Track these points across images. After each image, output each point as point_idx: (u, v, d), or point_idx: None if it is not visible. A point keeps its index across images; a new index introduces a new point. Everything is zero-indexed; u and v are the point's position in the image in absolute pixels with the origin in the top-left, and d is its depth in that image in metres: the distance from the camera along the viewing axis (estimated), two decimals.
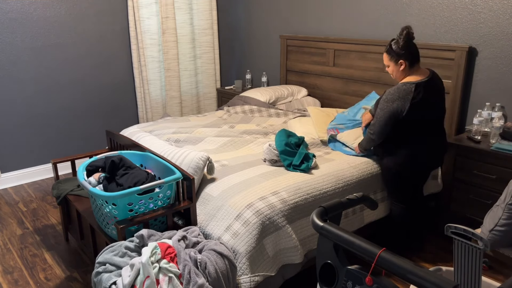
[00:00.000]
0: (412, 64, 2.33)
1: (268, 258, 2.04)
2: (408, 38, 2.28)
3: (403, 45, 2.29)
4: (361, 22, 3.56)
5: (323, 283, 1.26)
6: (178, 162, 2.40)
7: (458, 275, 1.47)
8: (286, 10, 4.22)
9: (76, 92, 4.03)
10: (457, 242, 1.43)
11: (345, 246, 1.18)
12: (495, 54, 2.80)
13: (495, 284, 1.83)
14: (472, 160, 2.63)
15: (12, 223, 3.13)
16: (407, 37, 2.28)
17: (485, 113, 2.78)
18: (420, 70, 2.36)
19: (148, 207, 2.05)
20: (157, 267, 1.69)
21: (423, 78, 2.31)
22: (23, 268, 2.59)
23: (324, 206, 1.34)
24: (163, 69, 4.44)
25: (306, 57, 4.03)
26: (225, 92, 4.72)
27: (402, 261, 1.06)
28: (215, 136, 3.00)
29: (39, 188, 3.75)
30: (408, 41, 2.29)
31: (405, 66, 2.32)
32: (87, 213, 2.36)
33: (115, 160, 2.20)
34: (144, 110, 4.44)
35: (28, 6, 3.61)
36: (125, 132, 3.22)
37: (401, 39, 2.29)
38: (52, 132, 3.95)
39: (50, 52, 3.80)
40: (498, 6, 2.73)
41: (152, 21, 4.26)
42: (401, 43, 2.29)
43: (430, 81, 2.31)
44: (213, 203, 2.21)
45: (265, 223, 2.03)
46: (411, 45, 2.30)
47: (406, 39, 2.28)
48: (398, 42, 2.30)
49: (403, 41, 2.28)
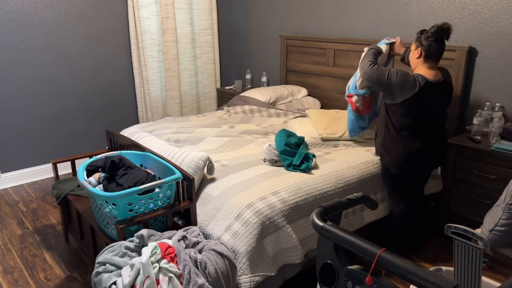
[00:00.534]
0: (428, 57, 2.33)
1: (268, 258, 2.04)
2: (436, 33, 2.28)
3: (429, 36, 2.30)
4: (361, 22, 3.56)
5: (323, 283, 1.26)
6: (178, 162, 2.40)
7: (458, 275, 1.47)
8: (286, 10, 4.22)
9: (76, 92, 4.03)
10: (457, 242, 1.43)
11: (345, 246, 1.18)
12: (495, 54, 2.80)
13: (495, 284, 1.83)
14: (472, 160, 2.63)
15: (12, 223, 3.13)
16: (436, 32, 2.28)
17: (485, 113, 2.78)
18: (435, 70, 2.36)
19: (148, 207, 2.05)
20: (157, 267, 1.69)
21: (435, 78, 2.31)
22: (23, 268, 2.59)
23: (324, 206, 1.34)
24: (163, 69, 4.44)
25: (306, 57, 4.03)
26: (225, 92, 4.72)
27: (402, 261, 1.06)
28: (215, 136, 3.00)
29: (39, 188, 3.75)
30: (434, 35, 2.28)
31: (420, 55, 2.34)
32: (87, 213, 2.36)
33: (115, 160, 2.20)
34: (144, 110, 4.44)
35: (28, 6, 3.61)
36: (125, 132, 3.22)
37: (430, 31, 2.30)
38: (52, 132, 3.95)
39: (50, 52, 3.80)
40: (498, 6, 2.73)
41: (152, 21, 4.26)
42: (427, 34, 2.31)
43: (439, 84, 2.31)
44: (213, 203, 2.21)
45: (265, 223, 2.03)
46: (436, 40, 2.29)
47: (434, 33, 2.28)
48: (428, 32, 2.32)
49: (430, 33, 2.29)
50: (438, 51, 2.32)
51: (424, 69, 2.35)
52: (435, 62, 2.35)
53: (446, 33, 2.29)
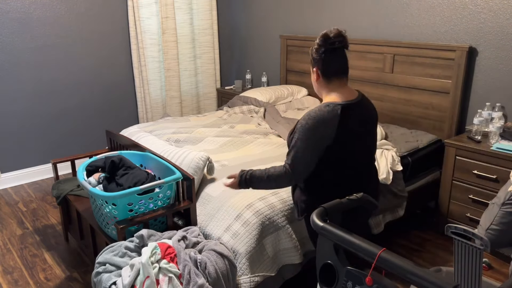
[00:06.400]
0: (327, 76, 1.74)
1: (268, 258, 2.04)
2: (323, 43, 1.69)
3: (315, 49, 1.74)
4: (361, 22, 3.56)
5: (323, 283, 1.26)
6: (178, 162, 2.40)
7: (458, 275, 1.46)
8: (286, 10, 4.22)
9: (76, 92, 4.02)
10: (457, 242, 1.43)
11: (345, 246, 1.18)
12: (495, 54, 2.80)
13: (495, 284, 1.83)
14: (472, 160, 2.63)
15: (12, 223, 3.13)
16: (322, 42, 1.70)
17: (485, 113, 2.78)
18: (347, 90, 1.76)
19: (148, 207, 2.05)
20: (157, 267, 1.69)
21: (350, 99, 1.73)
22: (23, 268, 2.59)
23: (324, 206, 1.34)
24: (163, 69, 4.44)
25: (306, 57, 4.03)
26: (225, 92, 4.72)
27: (402, 261, 1.06)
28: (215, 136, 3.00)
29: (39, 188, 3.74)
30: (322, 46, 1.70)
31: (318, 77, 1.77)
32: (87, 213, 2.36)
33: (115, 160, 2.20)
34: (144, 110, 4.44)
35: (28, 6, 3.61)
36: (125, 132, 3.21)
37: (316, 42, 1.73)
38: (52, 132, 3.95)
39: (50, 52, 3.80)
40: (498, 6, 2.73)
41: (152, 21, 4.26)
42: (314, 47, 1.74)
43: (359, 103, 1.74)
44: (213, 203, 2.20)
45: (265, 223, 2.03)
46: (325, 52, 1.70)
47: (321, 44, 1.70)
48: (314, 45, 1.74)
49: (316, 44, 1.72)
50: (338, 61, 1.72)
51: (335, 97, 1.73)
52: (339, 77, 1.74)
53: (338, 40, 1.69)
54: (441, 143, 3.01)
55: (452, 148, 2.71)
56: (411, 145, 2.87)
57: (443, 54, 2.97)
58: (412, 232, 2.93)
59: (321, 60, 1.73)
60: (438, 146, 2.99)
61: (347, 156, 1.74)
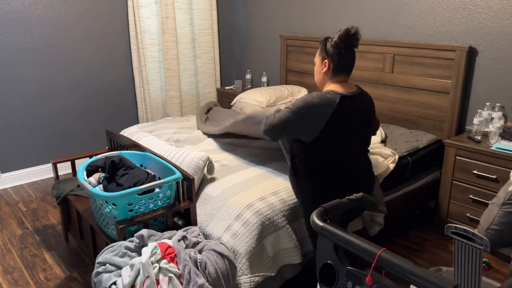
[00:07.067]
0: (337, 70, 1.93)
1: (268, 258, 2.04)
2: (345, 38, 1.88)
3: (335, 43, 1.90)
4: (361, 22, 3.56)
5: (323, 283, 1.26)
6: (178, 162, 2.40)
7: (458, 275, 1.47)
8: (286, 10, 4.22)
9: (76, 92, 4.03)
10: (457, 242, 1.43)
11: (345, 246, 1.18)
12: (495, 54, 2.80)
13: (495, 284, 1.83)
14: (472, 160, 2.63)
15: (12, 223, 3.13)
16: (344, 37, 1.88)
17: (485, 113, 2.78)
18: (347, 84, 1.96)
19: (148, 207, 2.05)
20: (157, 267, 1.69)
21: (350, 91, 1.91)
22: (23, 268, 2.59)
23: (324, 206, 1.34)
24: (163, 69, 4.44)
25: (306, 57, 4.03)
26: (225, 92, 4.72)
27: (402, 261, 1.06)
28: None
29: (39, 188, 3.75)
30: (343, 41, 1.88)
31: (328, 69, 1.94)
32: (87, 213, 2.36)
33: (115, 160, 2.20)
34: (144, 110, 4.44)
35: (28, 6, 3.61)
36: (125, 132, 3.22)
37: (337, 36, 1.90)
38: (52, 132, 3.95)
39: (50, 52, 3.80)
40: (498, 6, 2.73)
41: (152, 21, 4.26)
42: (334, 40, 1.91)
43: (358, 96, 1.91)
44: (213, 203, 2.21)
45: (265, 223, 2.03)
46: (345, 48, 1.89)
47: (343, 39, 1.88)
48: (332, 39, 1.94)
49: (338, 38, 1.89)
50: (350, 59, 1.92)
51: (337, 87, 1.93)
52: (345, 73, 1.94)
53: (355, 38, 1.88)
54: (441, 143, 3.01)
55: (452, 148, 2.71)
56: (411, 145, 2.87)
57: (443, 54, 2.97)
58: (412, 232, 2.93)
59: (337, 55, 1.89)
60: (438, 146, 2.99)
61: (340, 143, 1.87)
